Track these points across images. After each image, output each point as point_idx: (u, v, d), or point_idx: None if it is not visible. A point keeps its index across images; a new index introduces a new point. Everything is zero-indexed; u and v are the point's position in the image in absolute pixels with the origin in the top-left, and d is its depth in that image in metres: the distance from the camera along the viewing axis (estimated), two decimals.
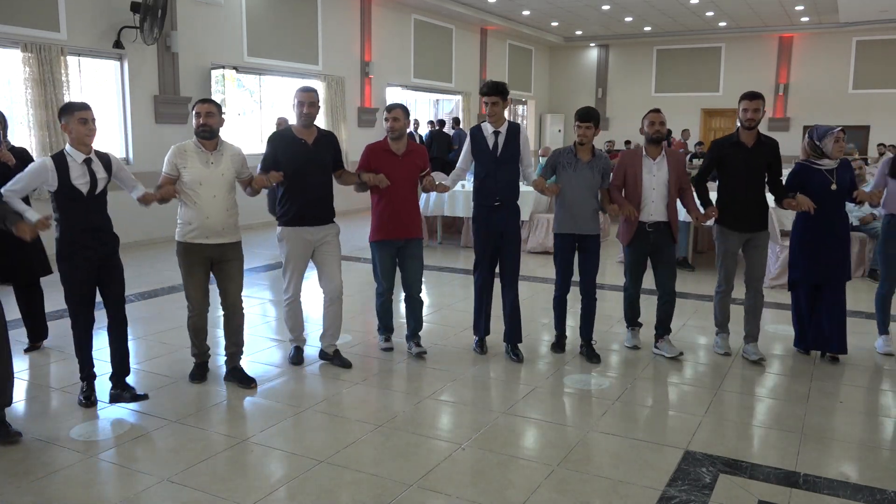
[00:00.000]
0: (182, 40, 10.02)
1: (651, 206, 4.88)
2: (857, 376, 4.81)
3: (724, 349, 5.14)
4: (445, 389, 4.50)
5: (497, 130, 4.87)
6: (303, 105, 4.58)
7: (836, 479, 3.35)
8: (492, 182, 4.87)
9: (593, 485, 3.29)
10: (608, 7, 15.66)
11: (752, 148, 4.80)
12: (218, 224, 4.33)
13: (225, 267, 4.44)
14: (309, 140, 4.61)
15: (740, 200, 4.82)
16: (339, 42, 13.18)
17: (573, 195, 4.86)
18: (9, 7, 8.09)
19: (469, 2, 15.24)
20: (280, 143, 4.62)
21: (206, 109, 4.30)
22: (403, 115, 4.79)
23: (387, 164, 4.78)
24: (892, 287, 5.12)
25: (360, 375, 4.72)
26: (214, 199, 4.30)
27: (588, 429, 3.92)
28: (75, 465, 3.45)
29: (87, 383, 4.21)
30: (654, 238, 4.93)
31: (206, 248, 4.35)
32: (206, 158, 4.31)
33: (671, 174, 4.86)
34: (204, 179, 4.29)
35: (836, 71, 17.63)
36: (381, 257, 4.93)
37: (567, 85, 21.26)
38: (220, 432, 3.83)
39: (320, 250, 4.74)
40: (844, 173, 4.82)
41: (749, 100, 4.77)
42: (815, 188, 4.76)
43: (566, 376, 4.73)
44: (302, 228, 4.64)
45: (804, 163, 4.91)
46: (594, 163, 4.87)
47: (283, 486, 3.26)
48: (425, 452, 3.63)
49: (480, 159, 4.92)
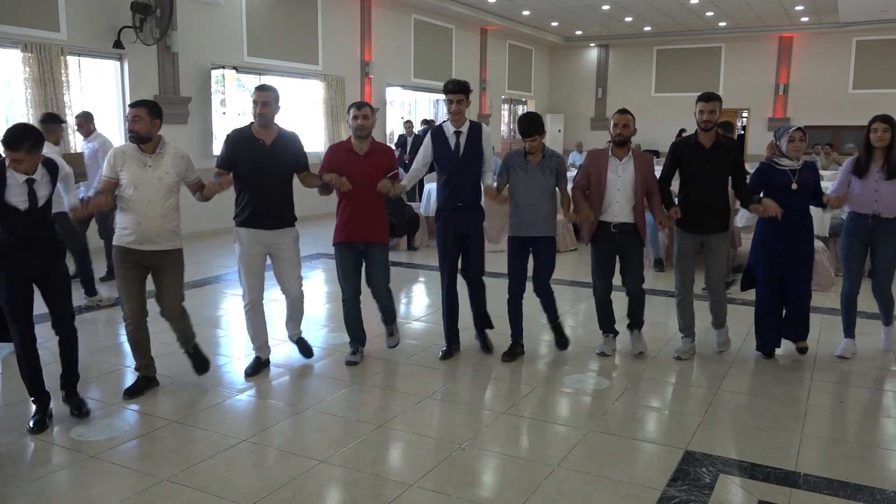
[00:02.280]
0: (182, 40, 10.01)
1: (615, 207, 4.80)
2: (856, 376, 4.80)
3: (679, 353, 5.08)
4: (445, 389, 4.50)
5: (459, 130, 4.78)
6: (256, 104, 4.42)
7: (836, 479, 3.35)
8: (454, 183, 4.79)
9: (593, 485, 3.29)
10: (608, 7, 15.66)
11: (709, 149, 4.76)
12: (151, 231, 4.12)
13: (160, 276, 4.24)
14: (267, 140, 4.46)
15: (697, 202, 4.78)
16: (339, 42, 13.18)
17: (525, 198, 4.80)
18: (9, 7, 8.08)
19: (469, 2, 15.24)
20: (236, 143, 4.47)
21: (133, 114, 4.10)
22: (372, 113, 4.69)
23: (348, 164, 4.61)
24: (853, 287, 5.04)
25: (360, 375, 4.72)
26: (149, 204, 4.09)
27: (588, 429, 3.92)
28: (75, 465, 3.45)
29: (37, 405, 3.88)
30: (620, 239, 4.85)
31: (141, 255, 4.15)
32: (144, 161, 4.12)
33: (637, 176, 4.78)
34: (139, 183, 4.09)
35: (836, 71, 17.62)
36: (343, 261, 4.76)
37: (567, 85, 21.26)
38: (220, 432, 3.83)
39: (275, 256, 4.62)
40: (808, 174, 4.79)
41: (705, 101, 4.73)
42: (776, 187, 4.75)
43: (566, 376, 4.73)
44: (257, 231, 4.50)
45: (767, 162, 4.90)
46: (545, 164, 4.80)
47: (283, 486, 3.26)
48: (425, 452, 3.63)
49: (442, 160, 4.82)
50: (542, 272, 4.96)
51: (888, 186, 4.78)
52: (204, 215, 9.27)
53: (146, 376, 4.38)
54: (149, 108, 4.12)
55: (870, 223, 4.87)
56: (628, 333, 5.19)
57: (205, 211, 8.51)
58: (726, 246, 5.05)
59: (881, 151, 4.80)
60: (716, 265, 4.97)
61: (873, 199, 4.83)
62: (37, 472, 3.38)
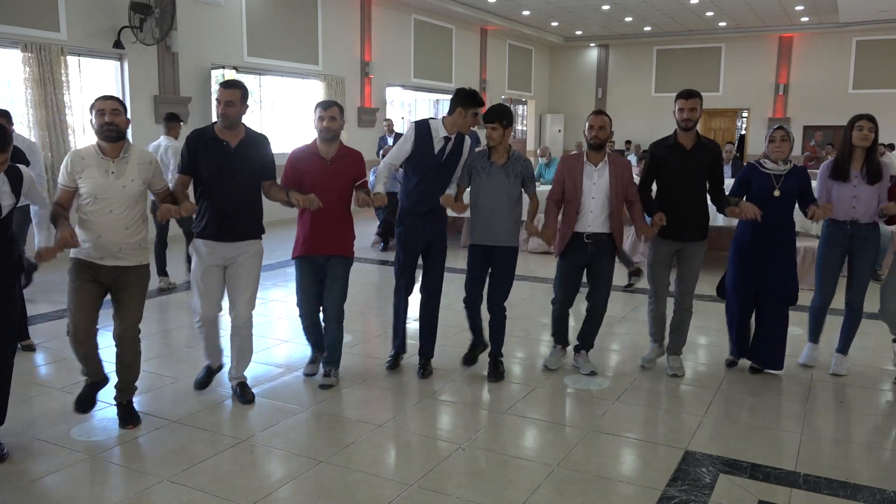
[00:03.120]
0: (182, 40, 10.01)
1: (590, 217, 4.43)
2: (856, 376, 4.80)
3: (644, 361, 4.85)
4: (445, 389, 4.50)
5: (448, 136, 4.42)
6: (220, 103, 3.94)
7: (836, 479, 3.35)
8: (427, 188, 4.43)
9: (593, 485, 3.30)
10: (608, 7, 15.65)
11: (690, 150, 4.46)
12: (113, 244, 3.65)
13: (120, 294, 3.76)
14: (232, 142, 3.99)
15: (675, 206, 4.44)
16: (339, 42, 13.18)
17: (487, 202, 4.41)
18: (9, 7, 8.08)
19: (469, 2, 15.23)
20: (198, 145, 3.99)
21: (112, 106, 3.62)
22: (340, 114, 4.24)
23: (313, 169, 4.21)
24: (825, 298, 4.76)
25: (359, 376, 4.72)
26: (110, 215, 3.63)
27: (588, 429, 3.92)
28: (75, 465, 3.45)
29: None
30: (592, 250, 4.50)
31: (99, 270, 3.67)
32: (107, 167, 3.63)
33: (613, 182, 4.42)
34: (100, 192, 3.61)
35: (836, 71, 17.62)
36: (300, 277, 4.38)
37: (567, 85, 21.25)
38: (220, 432, 3.83)
39: (231, 271, 4.10)
40: (794, 181, 4.44)
41: (685, 98, 4.44)
42: (757, 192, 4.44)
43: (566, 376, 4.73)
44: (216, 243, 4.03)
45: (753, 163, 4.59)
46: (510, 166, 4.41)
47: (283, 486, 3.26)
48: (425, 452, 3.63)
49: (421, 162, 4.43)
50: (499, 284, 4.54)
51: (867, 191, 4.50)
52: None
53: (95, 382, 3.91)
54: (121, 102, 3.72)
55: (848, 230, 4.57)
56: (573, 355, 4.85)
57: None
58: (702, 255, 4.67)
59: (861, 152, 4.50)
60: (691, 275, 4.64)
61: (851, 205, 4.53)
62: (37, 472, 3.38)
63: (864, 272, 4.67)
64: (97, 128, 3.61)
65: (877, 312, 5.09)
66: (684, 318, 4.74)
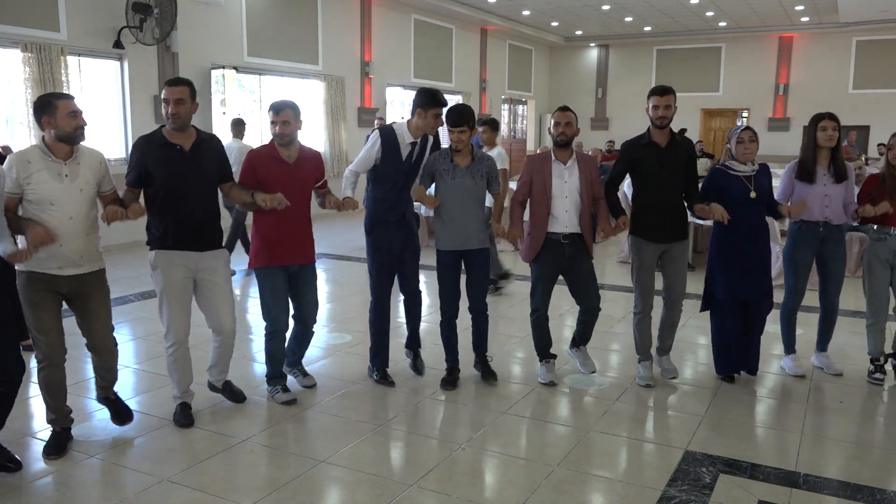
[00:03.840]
0: (182, 40, 10.01)
1: (565, 217, 4.31)
2: (856, 376, 4.80)
3: (645, 380, 4.56)
4: (445, 389, 4.50)
5: (414, 141, 4.32)
6: (167, 103, 3.67)
7: (836, 479, 3.35)
8: (397, 195, 4.33)
9: (593, 485, 3.30)
10: (608, 7, 15.66)
11: (665, 148, 4.32)
12: (75, 252, 3.42)
13: (85, 303, 3.55)
14: (185, 145, 3.73)
15: (656, 207, 4.35)
16: (339, 42, 13.18)
17: (454, 207, 4.29)
18: (9, 7, 8.09)
19: (469, 2, 15.24)
20: (148, 149, 3.71)
21: (73, 108, 3.39)
22: (294, 116, 4.01)
23: (277, 174, 3.98)
24: (799, 300, 4.71)
25: (359, 376, 4.72)
26: (71, 222, 3.37)
27: (588, 429, 3.92)
28: (75, 465, 3.45)
29: None
30: (570, 252, 4.36)
31: (58, 281, 3.43)
32: (59, 170, 3.36)
33: (583, 180, 4.32)
34: (56, 198, 3.34)
35: (836, 71, 17.63)
36: (272, 288, 4.12)
37: (567, 85, 21.25)
38: (220, 432, 3.83)
39: (203, 282, 3.86)
40: (764, 179, 4.38)
41: (659, 95, 4.27)
42: (734, 196, 4.31)
43: (566, 376, 4.73)
44: (180, 253, 3.77)
45: (720, 167, 4.46)
46: (475, 167, 4.29)
47: (283, 486, 3.26)
48: (425, 452, 3.63)
49: (389, 169, 4.30)
50: (478, 287, 4.49)
51: (837, 190, 4.48)
52: None
53: (65, 428, 3.65)
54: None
55: (821, 231, 4.53)
56: (574, 354, 4.78)
57: None
58: (687, 256, 4.53)
59: (826, 152, 4.47)
60: (678, 277, 4.50)
61: (823, 204, 4.48)
62: (37, 472, 3.38)
63: (838, 273, 4.66)
64: (72, 130, 3.36)
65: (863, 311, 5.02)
66: (675, 320, 4.64)
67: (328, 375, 4.73)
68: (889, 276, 4.55)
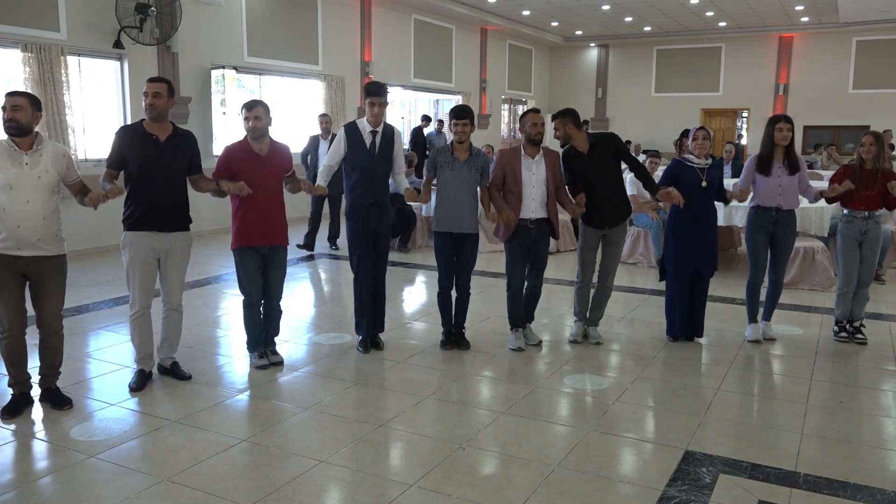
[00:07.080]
0: (182, 40, 10.00)
1: (533, 204, 4.99)
2: (856, 376, 4.81)
3: (574, 336, 5.42)
4: (444, 389, 4.50)
5: (375, 130, 4.90)
6: (147, 95, 4.19)
7: (836, 479, 3.35)
8: (367, 181, 4.91)
9: (593, 485, 3.30)
10: (608, 7, 15.65)
11: (587, 154, 5.10)
12: (32, 234, 3.82)
13: (41, 285, 3.94)
14: (161, 136, 4.23)
15: (595, 200, 5.10)
16: (339, 42, 13.18)
17: (452, 194, 4.98)
18: (9, 7, 8.08)
19: (469, 2, 15.23)
20: (127, 138, 4.24)
21: (12, 102, 3.82)
22: (265, 113, 4.50)
23: (250, 166, 4.50)
24: (760, 275, 5.42)
25: (358, 376, 4.72)
26: (28, 205, 3.80)
27: (588, 429, 3.92)
28: (75, 465, 3.45)
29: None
30: (535, 234, 5.05)
31: (18, 262, 3.83)
32: (19, 158, 3.82)
33: (548, 172, 5.02)
34: (15, 182, 3.78)
35: (836, 71, 17.61)
36: (246, 267, 4.64)
37: (567, 85, 21.24)
38: (220, 432, 3.83)
39: (163, 261, 4.37)
40: (716, 172, 5.20)
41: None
42: (688, 185, 5.10)
43: (566, 376, 4.73)
44: (148, 234, 4.25)
45: (679, 159, 5.27)
46: (472, 161, 4.99)
47: (283, 486, 3.26)
48: (425, 452, 3.63)
49: (356, 158, 4.90)
50: (466, 268, 5.15)
51: (790, 181, 5.22)
52: (206, 216, 9.25)
53: (23, 392, 4.05)
54: (30, 99, 3.88)
55: (773, 216, 5.26)
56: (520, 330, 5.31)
57: (205, 211, 8.52)
58: (624, 239, 5.46)
59: (781, 149, 5.19)
60: (612, 258, 5.29)
61: (777, 192, 5.22)
62: (37, 472, 3.39)
63: (785, 253, 5.41)
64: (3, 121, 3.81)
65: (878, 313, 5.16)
66: (605, 295, 5.40)
67: (328, 375, 4.73)
68: (858, 252, 5.33)
